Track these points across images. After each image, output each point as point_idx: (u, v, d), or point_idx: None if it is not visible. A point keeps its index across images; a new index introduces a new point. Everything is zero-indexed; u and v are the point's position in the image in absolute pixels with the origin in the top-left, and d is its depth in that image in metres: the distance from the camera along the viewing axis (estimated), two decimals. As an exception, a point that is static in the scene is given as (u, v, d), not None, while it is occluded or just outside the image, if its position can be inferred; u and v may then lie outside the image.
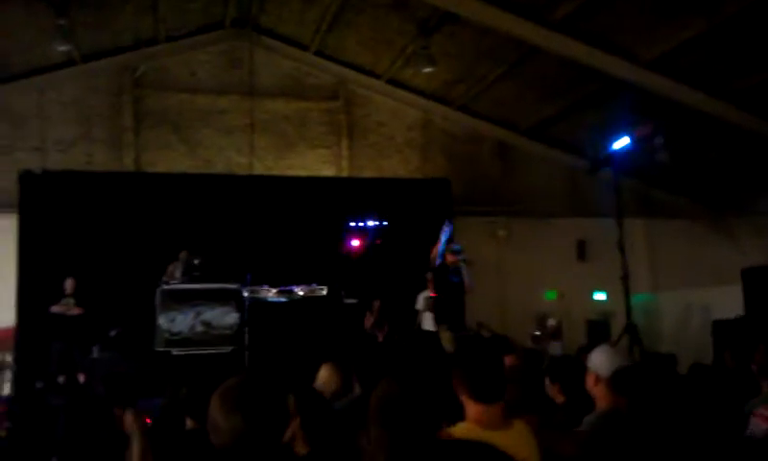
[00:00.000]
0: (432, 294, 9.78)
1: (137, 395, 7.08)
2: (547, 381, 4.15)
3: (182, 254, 11.55)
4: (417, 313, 11.99)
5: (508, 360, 5.24)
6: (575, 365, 4.18)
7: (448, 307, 9.28)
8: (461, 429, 2.74)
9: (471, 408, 2.82)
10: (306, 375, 8.73)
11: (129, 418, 3.25)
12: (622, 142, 10.23)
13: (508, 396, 2.92)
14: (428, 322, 11.87)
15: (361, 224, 13.34)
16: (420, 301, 11.97)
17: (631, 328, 9.49)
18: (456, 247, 9.43)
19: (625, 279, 9.59)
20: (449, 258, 9.31)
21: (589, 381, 3.51)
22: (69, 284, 11.13)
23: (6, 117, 13.63)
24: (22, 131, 13.70)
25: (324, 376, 4.96)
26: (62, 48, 11.81)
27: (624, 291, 9.74)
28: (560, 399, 4.05)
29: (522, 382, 4.18)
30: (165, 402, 5.31)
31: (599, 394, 3.45)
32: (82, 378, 10.61)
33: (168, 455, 3.75)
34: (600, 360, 3.49)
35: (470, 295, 9.76)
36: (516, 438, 2.81)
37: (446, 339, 9.04)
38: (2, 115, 13.62)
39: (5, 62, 13.06)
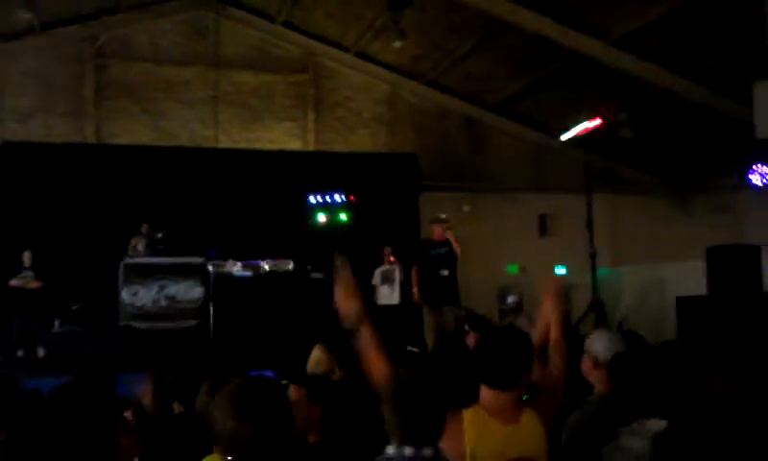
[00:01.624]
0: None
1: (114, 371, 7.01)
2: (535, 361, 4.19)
3: (144, 228, 11.40)
4: (373, 288, 12.06)
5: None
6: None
7: (438, 285, 9.27)
8: (468, 413, 2.77)
9: (484, 393, 2.85)
10: (279, 351, 8.82)
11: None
12: (591, 119, 10.31)
13: None
14: (384, 296, 11.97)
15: (327, 198, 13.27)
16: (377, 275, 12.04)
17: (597, 305, 9.64)
18: (442, 216, 9.41)
19: (592, 256, 9.69)
20: (438, 231, 9.31)
21: (586, 366, 3.56)
22: (27, 257, 10.89)
23: (-37, 88, 13.25)
24: (-20, 102, 13.32)
25: (316, 357, 4.96)
26: (26, 16, 11.45)
27: (591, 268, 9.83)
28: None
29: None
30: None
31: (597, 378, 3.51)
32: (41, 353, 10.46)
33: (165, 441, 3.72)
34: (598, 346, 3.55)
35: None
36: (521, 434, 2.83)
37: (430, 322, 9.04)
38: (-41, 86, 13.23)
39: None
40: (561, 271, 15.43)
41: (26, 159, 12.04)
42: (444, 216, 9.33)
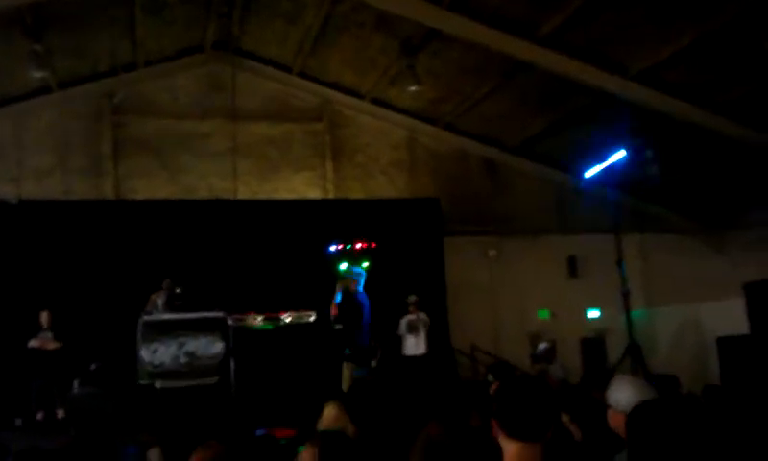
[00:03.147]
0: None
1: (116, 434, 6.71)
2: (564, 416, 3.83)
3: (165, 283, 11.18)
4: (399, 339, 11.74)
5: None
6: (588, 398, 3.89)
7: (356, 336, 8.94)
8: None
9: (507, 447, 2.50)
10: (298, 406, 8.48)
11: None
12: (616, 157, 10.00)
13: None
14: (410, 347, 11.62)
15: (348, 246, 13.01)
16: (402, 325, 11.72)
17: (633, 349, 9.21)
18: (356, 269, 9.23)
19: (626, 296, 9.31)
20: (353, 286, 9.05)
21: (616, 421, 3.16)
22: (44, 317, 10.73)
23: (-19, 147, 13.26)
24: (-2, 160, 13.32)
25: (331, 415, 4.62)
26: (38, 74, 11.49)
27: (624, 309, 9.43)
28: (577, 434, 3.75)
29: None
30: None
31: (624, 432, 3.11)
32: (60, 414, 10.23)
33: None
34: (627, 398, 3.14)
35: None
36: None
37: (348, 373, 8.71)
38: (-22, 145, 13.25)
39: (-21, 91, 12.72)
40: (594, 313, 15.01)
41: (43, 217, 11.94)
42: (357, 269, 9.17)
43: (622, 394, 3.16)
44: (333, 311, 8.98)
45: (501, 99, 13.75)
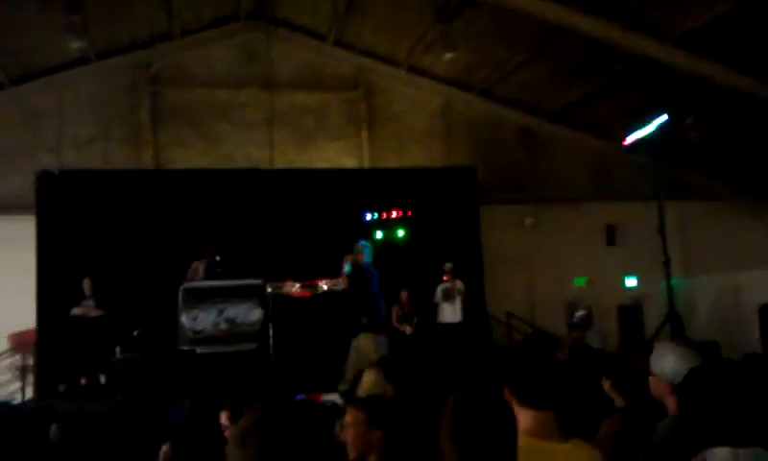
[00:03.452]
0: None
1: (158, 398, 6.86)
2: (604, 381, 3.83)
3: (209, 251, 11.34)
4: (436, 306, 11.79)
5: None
6: (632, 364, 3.87)
7: (370, 306, 8.93)
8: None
9: (521, 417, 2.50)
10: (336, 372, 8.59)
11: None
12: (658, 122, 9.83)
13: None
14: (446, 314, 11.66)
15: (385, 215, 13.05)
16: (438, 292, 11.76)
17: (673, 316, 9.12)
18: (362, 242, 9.17)
19: (666, 264, 9.20)
20: (360, 258, 9.03)
21: (659, 389, 3.14)
22: (87, 285, 10.93)
23: (23, 118, 13.50)
24: (39, 131, 13.55)
25: (371, 380, 4.67)
26: (76, 45, 11.57)
27: (665, 277, 9.33)
28: (619, 401, 3.73)
29: (573, 382, 3.89)
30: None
31: (673, 402, 3.08)
32: (103, 380, 10.48)
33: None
34: (671, 366, 3.10)
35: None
36: (578, 450, 2.52)
37: (369, 343, 8.68)
38: (19, 116, 13.49)
39: (20, 62, 12.92)
40: (631, 281, 14.88)
41: (85, 187, 12.11)
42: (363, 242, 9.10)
43: (666, 361, 3.12)
44: (343, 284, 9.02)
45: (538, 65, 13.55)
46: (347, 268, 8.89)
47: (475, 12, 12.16)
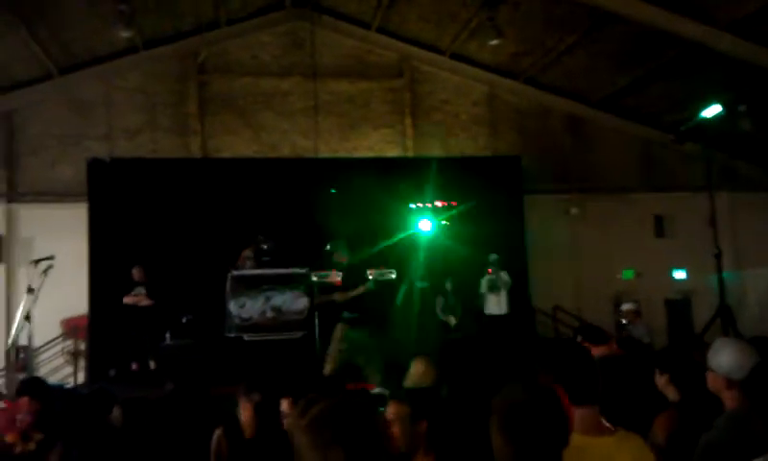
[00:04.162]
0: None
1: (207, 384, 6.96)
2: (658, 376, 3.77)
3: (258, 239, 11.48)
4: (481, 297, 11.75)
5: (601, 350, 4.87)
6: (687, 357, 3.81)
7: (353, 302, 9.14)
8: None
9: (576, 414, 2.50)
10: (384, 363, 8.62)
11: None
12: (711, 111, 9.60)
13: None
14: (491, 305, 11.60)
15: (429, 204, 13.00)
16: (483, 284, 11.70)
17: (724, 310, 8.94)
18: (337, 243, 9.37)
19: (718, 256, 9.01)
20: (341, 259, 9.21)
21: (717, 384, 3.10)
22: (137, 273, 11.11)
23: (73, 106, 13.77)
24: (89, 119, 13.81)
25: (419, 371, 4.68)
26: (125, 34, 11.73)
27: (717, 271, 9.14)
28: (673, 395, 3.68)
29: (624, 376, 3.84)
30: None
31: (731, 397, 3.04)
32: (152, 365, 10.67)
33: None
34: (729, 361, 3.05)
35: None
36: (627, 441, 2.51)
37: (338, 332, 8.87)
38: (69, 105, 13.76)
39: (70, 52, 13.15)
40: (680, 274, 14.61)
41: (135, 175, 12.28)
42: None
43: (724, 356, 3.08)
44: (337, 281, 9.22)
45: (585, 52, 13.34)
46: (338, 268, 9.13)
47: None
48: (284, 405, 3.82)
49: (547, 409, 2.13)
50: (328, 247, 9.24)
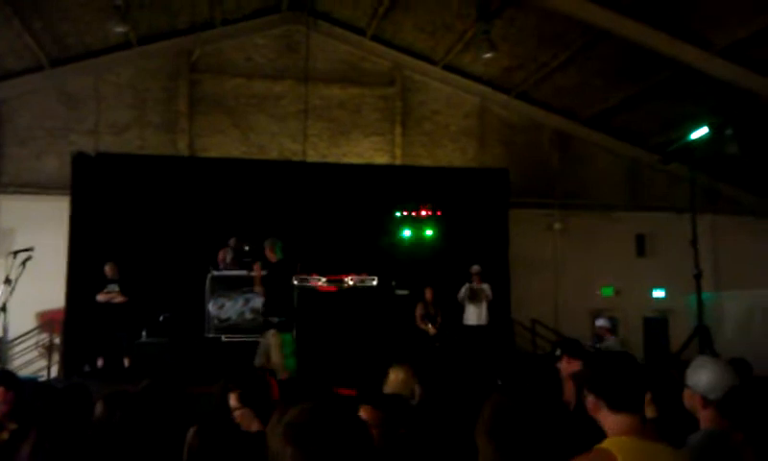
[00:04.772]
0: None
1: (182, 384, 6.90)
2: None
3: (232, 241, 11.41)
4: (461, 307, 11.74)
5: (579, 364, 4.88)
6: (667, 375, 3.82)
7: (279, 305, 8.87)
8: (616, 443, 2.42)
9: (611, 421, 2.52)
10: (361, 367, 8.60)
11: None
12: (699, 133, 9.69)
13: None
14: (471, 316, 11.60)
15: (414, 213, 13.00)
16: (463, 291, 11.69)
17: (702, 330, 8.99)
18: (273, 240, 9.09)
19: (698, 277, 9.07)
20: (272, 256, 8.97)
21: (693, 402, 3.11)
22: (109, 269, 10.80)
23: (62, 99, 13.72)
24: (77, 113, 13.76)
25: (399, 378, 4.65)
26: (119, 29, 11.71)
27: (695, 290, 9.21)
28: (651, 412, 3.68)
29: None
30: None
31: (706, 416, 3.05)
32: (126, 363, 10.49)
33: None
34: (707, 380, 3.07)
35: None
36: (672, 454, 2.51)
37: (269, 338, 8.68)
38: (58, 97, 13.70)
39: (62, 44, 13.11)
40: (659, 293, 14.70)
41: (120, 171, 12.17)
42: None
43: (702, 375, 3.10)
44: (259, 273, 9.01)
45: (578, 69, 13.44)
46: (261, 266, 8.95)
47: (517, 11, 12.08)
48: (232, 400, 3.78)
49: (532, 416, 2.15)
50: (266, 242, 9.00)
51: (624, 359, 2.71)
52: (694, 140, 10.48)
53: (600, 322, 11.21)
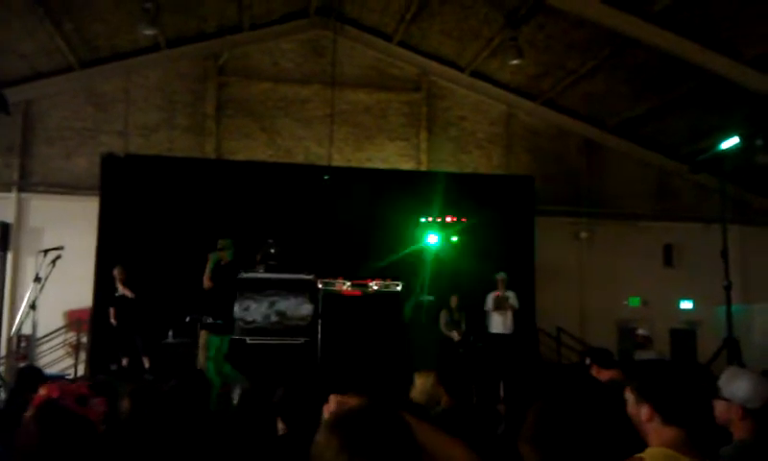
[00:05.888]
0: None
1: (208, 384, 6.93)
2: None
3: (267, 242, 11.41)
4: (485, 314, 11.70)
5: (609, 374, 4.84)
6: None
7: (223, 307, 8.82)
8: (656, 455, 2.37)
9: (663, 433, 2.46)
10: (384, 373, 8.58)
11: None
12: (729, 143, 9.57)
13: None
14: (496, 324, 11.54)
15: (439, 219, 12.96)
16: (489, 300, 11.64)
17: (731, 342, 8.86)
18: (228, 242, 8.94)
19: (728, 289, 8.94)
20: (225, 258, 8.85)
21: (730, 413, 3.06)
22: (117, 272, 10.65)
23: (91, 100, 13.87)
24: (107, 114, 13.92)
25: (426, 385, 4.65)
26: (149, 32, 11.83)
27: (725, 302, 9.08)
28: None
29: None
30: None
31: (744, 427, 3.00)
32: (146, 363, 10.50)
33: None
34: (745, 390, 3.02)
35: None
36: None
37: (201, 341, 8.62)
38: (88, 99, 13.86)
39: (92, 46, 13.26)
40: (687, 304, 14.53)
41: (149, 172, 12.28)
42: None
43: (740, 386, 3.05)
44: (207, 282, 8.84)
45: (606, 77, 13.34)
46: (210, 267, 8.78)
47: (545, 17, 12.02)
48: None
49: (579, 423, 2.14)
50: (219, 243, 8.95)
51: (686, 373, 2.65)
52: (724, 150, 10.35)
53: (642, 331, 11.11)
